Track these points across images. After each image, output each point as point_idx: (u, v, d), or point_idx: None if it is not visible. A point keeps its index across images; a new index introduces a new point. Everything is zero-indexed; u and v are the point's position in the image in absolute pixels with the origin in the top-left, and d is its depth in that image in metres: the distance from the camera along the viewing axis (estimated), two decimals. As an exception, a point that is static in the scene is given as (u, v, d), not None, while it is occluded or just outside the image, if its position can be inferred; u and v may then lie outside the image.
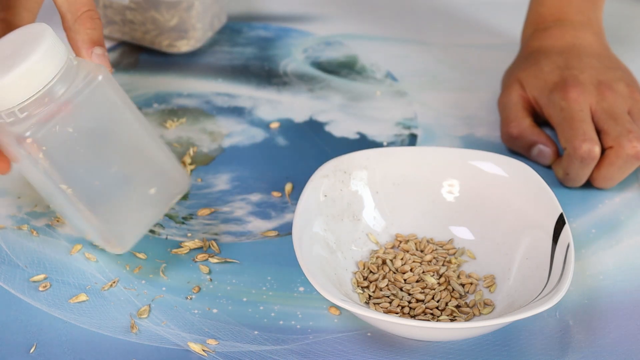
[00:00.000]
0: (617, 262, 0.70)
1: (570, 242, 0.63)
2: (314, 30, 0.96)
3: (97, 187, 0.62)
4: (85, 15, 0.62)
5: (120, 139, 0.63)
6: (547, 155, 0.78)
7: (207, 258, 0.69)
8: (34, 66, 0.58)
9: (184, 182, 0.67)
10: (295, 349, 0.63)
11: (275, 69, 0.90)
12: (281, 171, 0.77)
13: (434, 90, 0.88)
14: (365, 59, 0.92)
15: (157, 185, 0.65)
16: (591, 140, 0.74)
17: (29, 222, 0.71)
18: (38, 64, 0.58)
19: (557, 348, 0.63)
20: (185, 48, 0.90)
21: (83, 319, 0.64)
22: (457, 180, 0.71)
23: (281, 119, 0.83)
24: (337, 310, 0.65)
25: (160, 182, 0.65)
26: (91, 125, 0.61)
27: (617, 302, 0.67)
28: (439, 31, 0.97)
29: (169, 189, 0.66)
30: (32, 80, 0.58)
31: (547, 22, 0.84)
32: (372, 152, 0.70)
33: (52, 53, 0.58)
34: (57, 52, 0.59)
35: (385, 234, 0.70)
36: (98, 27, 0.63)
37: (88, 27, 0.62)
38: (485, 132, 0.83)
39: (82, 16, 0.62)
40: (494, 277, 0.67)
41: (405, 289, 0.66)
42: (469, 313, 0.65)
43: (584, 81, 0.77)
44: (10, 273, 0.67)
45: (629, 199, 0.76)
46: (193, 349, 0.62)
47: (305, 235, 0.64)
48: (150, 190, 0.65)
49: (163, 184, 0.66)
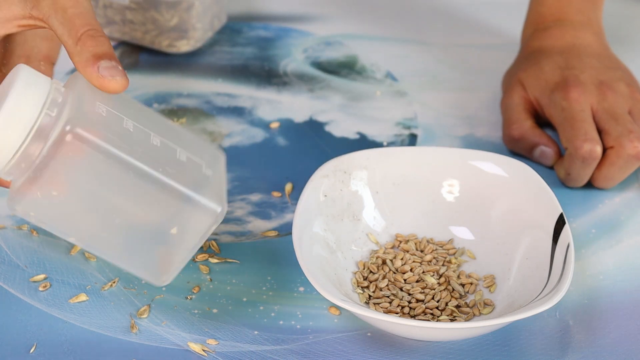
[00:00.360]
0: (617, 262, 0.70)
1: (570, 242, 0.63)
2: (314, 30, 0.96)
3: (105, 237, 0.58)
4: (85, 35, 0.57)
5: (117, 189, 0.57)
6: (549, 156, 0.78)
7: (207, 258, 0.69)
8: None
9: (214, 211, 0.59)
10: (295, 349, 0.63)
11: (275, 69, 0.90)
12: (281, 171, 0.77)
13: (434, 90, 0.88)
14: (365, 59, 0.92)
15: (178, 224, 0.58)
16: (592, 140, 0.74)
17: (29, 222, 0.71)
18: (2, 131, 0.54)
19: (557, 348, 0.63)
20: (185, 48, 0.90)
21: (83, 319, 0.64)
22: (457, 180, 0.71)
23: (281, 119, 0.83)
24: (337, 310, 0.65)
25: (181, 219, 0.58)
26: (77, 184, 0.56)
27: (617, 302, 0.67)
28: (439, 31, 0.97)
29: (196, 222, 0.59)
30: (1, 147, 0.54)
31: (547, 22, 0.84)
32: (372, 152, 0.70)
33: (18, 111, 0.54)
34: (26, 109, 0.54)
35: (385, 234, 0.70)
36: (102, 44, 0.57)
37: (89, 45, 0.57)
38: (486, 132, 0.83)
39: (82, 37, 0.57)
40: (494, 277, 0.67)
41: (405, 289, 0.66)
42: (469, 313, 0.65)
43: (585, 81, 0.77)
44: (10, 273, 0.67)
45: (629, 199, 0.76)
46: (193, 349, 0.62)
47: (305, 235, 0.64)
48: (171, 231, 0.58)
49: (185, 220, 0.58)
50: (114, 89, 0.57)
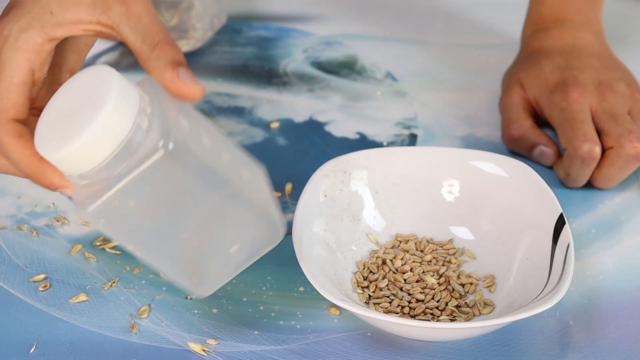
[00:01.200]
0: (617, 262, 0.70)
1: (570, 242, 0.63)
2: (314, 30, 0.96)
3: (168, 250, 0.57)
4: (162, 42, 0.56)
5: (193, 206, 0.56)
6: (548, 156, 0.78)
7: (207, 258, 0.69)
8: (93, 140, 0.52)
9: (275, 233, 0.59)
10: (295, 349, 0.63)
11: (275, 69, 0.90)
12: (281, 171, 0.77)
13: (434, 90, 0.88)
14: (365, 59, 0.92)
15: (241, 242, 0.58)
16: (592, 140, 0.74)
17: (29, 222, 0.71)
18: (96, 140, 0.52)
19: (557, 348, 0.63)
20: (185, 48, 0.90)
21: (83, 319, 0.64)
22: (457, 180, 0.71)
23: (281, 119, 0.83)
24: (337, 310, 0.65)
25: (244, 238, 0.58)
26: (156, 197, 0.55)
27: (617, 302, 0.67)
28: (439, 31, 0.97)
29: (256, 242, 0.59)
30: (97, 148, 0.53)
31: (547, 22, 0.84)
32: (372, 152, 0.70)
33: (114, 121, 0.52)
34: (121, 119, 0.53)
35: (385, 234, 0.70)
36: (178, 52, 0.56)
37: (168, 52, 0.55)
38: (486, 132, 0.83)
39: (159, 44, 0.56)
40: (494, 277, 0.67)
41: (405, 289, 0.66)
42: (469, 313, 0.65)
43: (585, 81, 0.77)
44: (10, 273, 0.67)
45: (629, 199, 0.76)
46: (193, 349, 0.62)
47: (305, 235, 0.64)
48: (231, 249, 0.58)
49: (248, 239, 0.59)
50: (193, 96, 0.56)
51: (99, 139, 0.52)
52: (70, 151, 0.52)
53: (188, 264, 0.59)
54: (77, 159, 0.53)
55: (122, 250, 0.69)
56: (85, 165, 0.53)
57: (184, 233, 0.57)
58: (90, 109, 0.53)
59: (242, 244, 0.58)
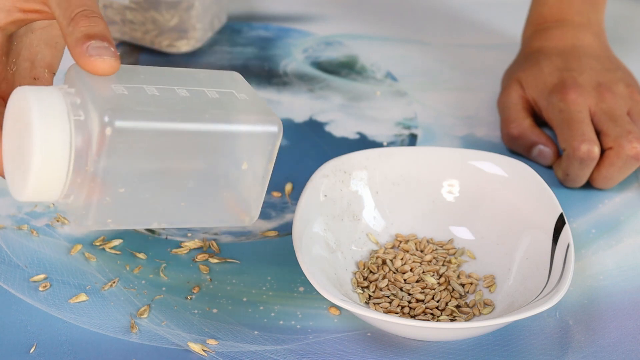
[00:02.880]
0: (617, 262, 0.70)
1: (570, 242, 0.63)
2: (314, 30, 0.96)
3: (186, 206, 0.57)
4: (79, 14, 0.53)
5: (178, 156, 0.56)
6: (547, 155, 0.78)
7: (207, 258, 0.69)
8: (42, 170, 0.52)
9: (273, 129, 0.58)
10: (295, 349, 0.63)
11: (275, 69, 0.90)
12: (281, 171, 0.77)
13: (434, 90, 0.88)
14: (365, 59, 0.92)
15: (246, 158, 0.58)
16: (590, 140, 0.74)
17: (29, 222, 0.71)
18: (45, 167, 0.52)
19: (557, 348, 0.63)
20: (185, 48, 0.90)
21: (83, 319, 0.64)
22: (457, 180, 0.71)
23: (281, 119, 0.83)
24: (337, 310, 0.65)
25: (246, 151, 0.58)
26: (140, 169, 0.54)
27: (617, 302, 0.67)
28: (439, 31, 0.97)
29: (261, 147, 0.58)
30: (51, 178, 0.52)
31: (548, 22, 0.84)
32: (372, 152, 0.71)
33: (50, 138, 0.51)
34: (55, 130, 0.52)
35: (385, 234, 0.70)
36: (96, 24, 0.53)
37: (82, 24, 0.53)
38: (485, 132, 0.83)
39: (75, 17, 0.53)
40: (494, 277, 0.67)
41: (405, 289, 0.66)
42: (469, 313, 0.65)
43: (583, 83, 0.77)
44: (10, 273, 0.67)
45: (629, 199, 0.76)
46: (193, 349, 0.62)
47: (305, 235, 0.64)
48: (242, 167, 0.58)
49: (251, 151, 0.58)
50: (102, 70, 0.53)
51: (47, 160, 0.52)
52: (31, 193, 0.52)
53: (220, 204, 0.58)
54: (42, 192, 0.53)
55: (122, 250, 0.69)
56: (55, 190, 0.53)
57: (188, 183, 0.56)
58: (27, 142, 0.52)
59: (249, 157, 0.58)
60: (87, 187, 0.53)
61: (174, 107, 0.55)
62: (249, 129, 0.57)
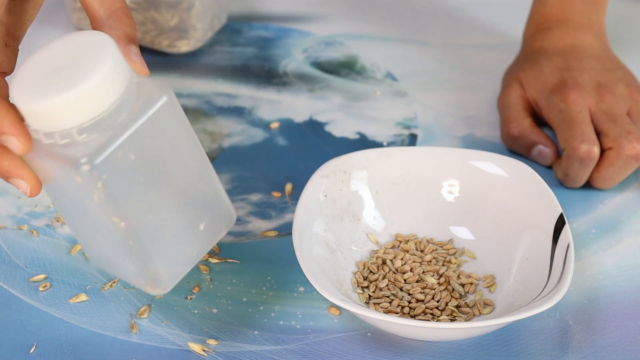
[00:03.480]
0: (617, 262, 0.70)
1: (570, 242, 0.63)
2: (314, 30, 0.96)
3: (150, 221, 0.56)
4: (120, 11, 0.56)
5: (179, 168, 0.56)
6: (547, 155, 0.78)
7: (207, 258, 0.69)
8: (100, 84, 0.51)
9: (230, 217, 0.60)
10: (295, 349, 0.63)
11: (275, 69, 0.90)
12: (281, 171, 0.77)
13: (434, 90, 0.88)
14: (365, 59, 0.92)
15: (207, 221, 0.58)
16: (590, 140, 0.74)
17: (29, 222, 0.71)
18: (105, 82, 0.51)
19: (557, 348, 0.63)
20: (185, 48, 0.90)
21: (83, 319, 0.64)
22: (457, 180, 0.71)
23: (281, 119, 0.83)
24: (337, 310, 0.65)
25: (210, 217, 0.59)
26: (153, 152, 0.54)
27: (617, 302, 0.67)
28: (439, 31, 0.97)
29: (216, 224, 0.59)
30: (96, 99, 0.52)
31: (549, 22, 0.84)
32: (372, 152, 0.70)
33: (118, 69, 0.52)
34: (123, 69, 0.52)
35: (385, 234, 0.70)
36: (134, 26, 0.56)
37: (124, 22, 0.55)
38: (485, 132, 0.83)
39: (117, 11, 0.56)
40: (494, 277, 0.67)
41: (405, 289, 0.66)
42: (469, 313, 0.65)
43: (583, 83, 0.77)
44: (10, 273, 0.67)
45: (629, 199, 0.76)
46: (193, 349, 0.62)
47: (305, 235, 0.64)
48: (200, 226, 0.58)
49: (212, 220, 0.59)
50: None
51: (109, 81, 0.52)
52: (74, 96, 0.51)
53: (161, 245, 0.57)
54: (78, 105, 0.51)
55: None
56: (85, 114, 0.52)
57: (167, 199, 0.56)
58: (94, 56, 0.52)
59: (208, 223, 0.59)
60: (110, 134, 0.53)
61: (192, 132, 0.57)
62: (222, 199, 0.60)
